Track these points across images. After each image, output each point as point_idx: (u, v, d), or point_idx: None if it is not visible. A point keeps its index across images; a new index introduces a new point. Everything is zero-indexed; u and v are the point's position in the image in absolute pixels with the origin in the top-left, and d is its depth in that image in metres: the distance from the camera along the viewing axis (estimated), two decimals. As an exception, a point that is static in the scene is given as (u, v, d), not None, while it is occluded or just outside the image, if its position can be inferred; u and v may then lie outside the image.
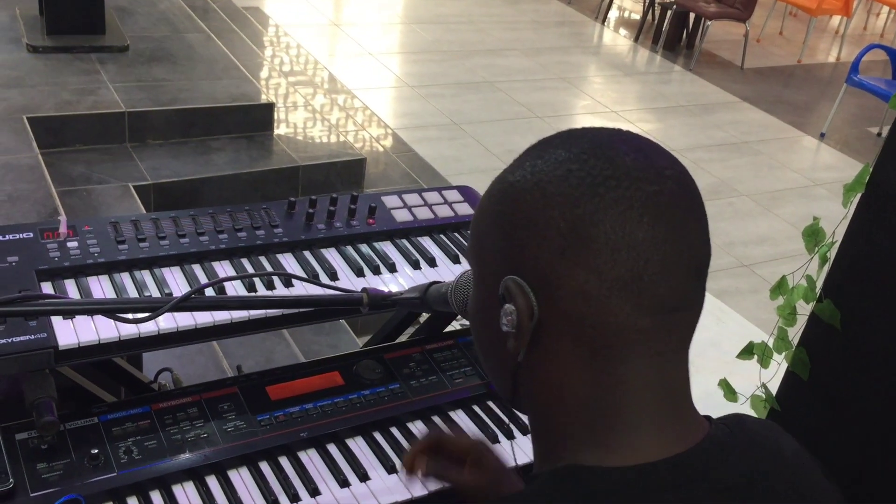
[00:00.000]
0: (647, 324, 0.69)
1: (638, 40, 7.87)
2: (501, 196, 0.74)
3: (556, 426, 0.74)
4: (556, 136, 0.75)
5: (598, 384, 0.71)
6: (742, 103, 6.76)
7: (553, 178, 0.70)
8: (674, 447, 0.71)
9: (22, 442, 1.26)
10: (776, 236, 4.83)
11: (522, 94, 6.25)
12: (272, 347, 2.95)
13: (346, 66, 6.26)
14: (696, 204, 0.72)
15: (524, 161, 0.74)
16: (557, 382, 0.72)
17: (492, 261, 0.75)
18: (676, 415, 0.73)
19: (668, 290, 0.69)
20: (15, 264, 1.33)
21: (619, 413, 0.71)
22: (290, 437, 1.36)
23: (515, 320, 0.71)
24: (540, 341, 0.72)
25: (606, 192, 0.68)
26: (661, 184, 0.69)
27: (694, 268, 0.71)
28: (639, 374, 0.70)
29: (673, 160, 0.73)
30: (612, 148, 0.71)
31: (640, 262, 0.67)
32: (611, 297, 0.68)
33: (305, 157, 4.10)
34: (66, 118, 3.74)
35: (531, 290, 0.70)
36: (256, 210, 1.56)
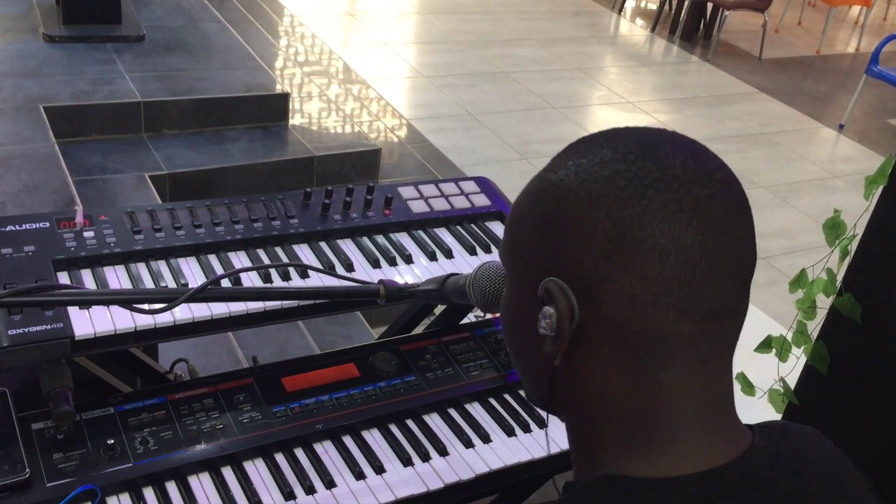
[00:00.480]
0: (692, 331, 0.67)
1: (655, 30, 7.81)
2: (543, 195, 0.71)
3: (595, 433, 0.72)
4: (598, 136, 0.73)
5: (638, 391, 0.69)
6: (760, 94, 6.70)
7: (599, 178, 0.67)
8: (716, 458, 0.69)
9: (38, 432, 1.26)
10: (793, 229, 4.79)
11: (538, 84, 6.21)
12: (286, 338, 2.95)
13: (361, 57, 6.24)
14: (745, 209, 0.70)
15: (566, 160, 0.71)
16: (596, 388, 0.70)
17: (530, 261, 0.72)
18: (719, 424, 0.71)
19: (714, 296, 0.67)
20: (31, 254, 1.33)
21: (660, 421, 0.69)
22: (306, 428, 1.36)
23: (555, 323, 0.68)
24: (579, 346, 0.69)
25: (655, 194, 0.66)
26: (711, 187, 0.67)
27: (741, 274, 0.69)
28: (681, 381, 0.68)
29: (721, 163, 0.71)
30: (661, 149, 0.69)
31: (688, 267, 0.65)
32: (656, 303, 0.65)
33: (320, 147, 4.09)
34: (82, 108, 3.74)
35: (573, 292, 0.68)
36: (272, 201, 1.56)
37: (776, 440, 0.74)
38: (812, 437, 0.80)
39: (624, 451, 0.70)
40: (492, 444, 1.41)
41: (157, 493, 1.23)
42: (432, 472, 1.34)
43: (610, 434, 0.71)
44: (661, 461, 0.69)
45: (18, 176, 3.15)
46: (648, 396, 0.69)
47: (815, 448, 0.78)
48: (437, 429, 1.42)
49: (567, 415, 0.76)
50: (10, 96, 3.68)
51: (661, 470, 0.68)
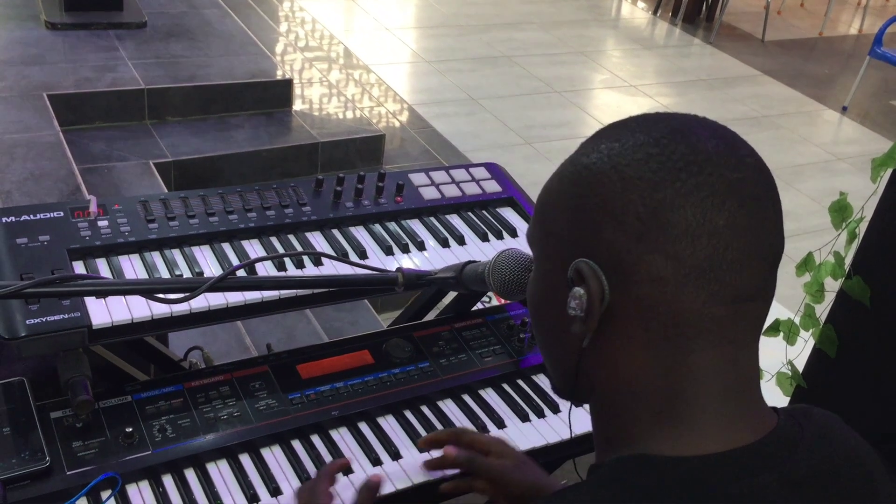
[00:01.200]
0: (722, 312, 0.68)
1: (657, 13, 7.77)
2: (576, 178, 0.72)
3: (623, 414, 0.73)
4: (630, 120, 0.74)
5: (667, 372, 0.70)
6: (763, 76, 6.67)
7: (632, 162, 0.68)
8: (743, 438, 0.70)
9: (57, 420, 1.26)
10: (798, 211, 4.79)
11: (540, 68, 6.19)
12: (294, 325, 2.95)
13: (362, 41, 6.22)
14: (774, 193, 0.71)
15: (599, 143, 0.72)
16: (624, 369, 0.71)
17: (561, 243, 0.73)
18: (746, 405, 0.72)
19: (745, 279, 0.68)
20: (47, 243, 1.33)
21: (688, 402, 0.70)
22: (322, 415, 1.36)
23: (584, 304, 0.69)
24: (608, 327, 0.70)
25: (688, 177, 0.67)
26: (742, 171, 0.68)
27: (770, 257, 0.70)
28: (710, 362, 0.69)
29: (751, 148, 0.72)
30: (693, 133, 0.70)
31: (720, 249, 0.66)
32: (687, 285, 0.66)
33: (324, 133, 4.08)
34: (85, 95, 3.74)
35: (603, 273, 0.69)
36: (284, 188, 1.56)
37: (801, 422, 0.75)
38: (834, 421, 0.81)
39: (652, 431, 0.71)
40: (506, 429, 1.42)
41: (176, 481, 1.24)
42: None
43: (638, 414, 0.72)
44: (689, 440, 0.70)
45: (24, 164, 3.15)
46: (676, 377, 0.70)
47: (839, 432, 0.79)
48: (452, 415, 1.43)
49: (593, 397, 0.77)
50: (14, 84, 3.67)
51: (688, 449, 0.69)
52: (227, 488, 1.24)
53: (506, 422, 1.43)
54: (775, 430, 0.72)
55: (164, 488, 1.23)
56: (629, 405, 0.72)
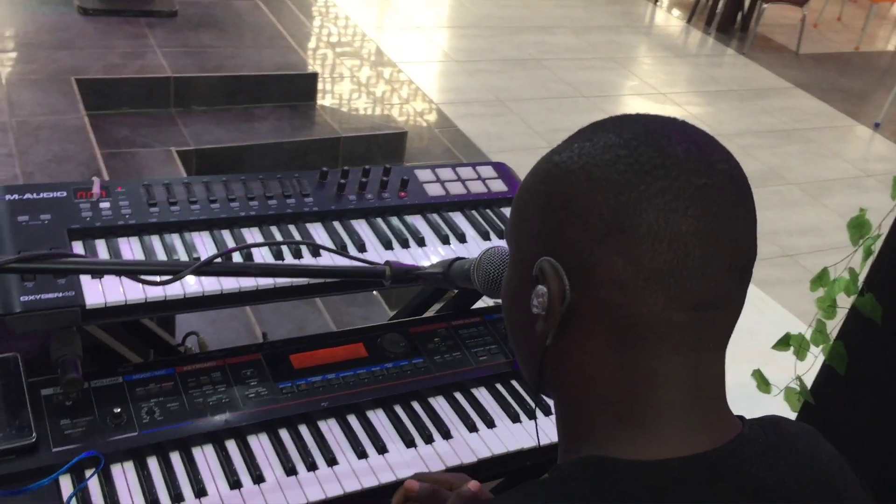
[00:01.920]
0: (683, 319, 0.67)
1: (691, 21, 7.71)
2: (546, 176, 0.72)
3: (582, 415, 0.73)
4: (608, 120, 0.73)
5: (627, 375, 0.69)
6: (795, 89, 6.60)
7: (600, 162, 0.68)
8: (702, 445, 0.69)
9: (47, 397, 1.28)
10: (823, 227, 4.72)
11: (569, 72, 6.16)
12: (304, 317, 2.96)
13: (393, 39, 6.23)
14: (746, 202, 0.70)
15: (573, 142, 0.72)
16: (585, 370, 0.71)
17: (530, 240, 0.73)
18: (707, 413, 0.71)
19: (706, 286, 0.67)
20: (47, 222, 1.34)
21: (646, 406, 0.69)
22: (311, 405, 1.37)
23: (546, 303, 0.69)
24: (570, 327, 0.70)
25: (654, 181, 0.66)
26: (711, 177, 0.67)
27: (736, 267, 0.68)
28: (670, 368, 0.68)
29: (727, 155, 0.70)
30: (665, 136, 0.69)
31: (681, 255, 0.65)
32: (647, 289, 0.66)
33: (347, 128, 4.10)
34: (113, 81, 3.78)
35: (566, 273, 0.68)
36: (288, 178, 1.56)
37: (767, 433, 0.74)
38: (808, 434, 0.79)
39: (609, 434, 0.70)
40: (496, 429, 1.41)
41: (160, 463, 1.25)
42: (434, 455, 1.34)
43: (596, 416, 0.71)
44: (647, 444, 0.69)
45: (48, 146, 3.19)
46: (636, 381, 0.69)
47: (809, 446, 0.77)
48: (442, 412, 1.42)
49: (556, 396, 0.77)
50: (43, 67, 3.72)
51: (645, 453, 0.68)
52: (210, 473, 1.25)
53: (496, 422, 1.42)
54: (737, 438, 0.71)
55: (148, 470, 1.23)
56: (589, 406, 0.72)
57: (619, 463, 0.68)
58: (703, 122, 5.75)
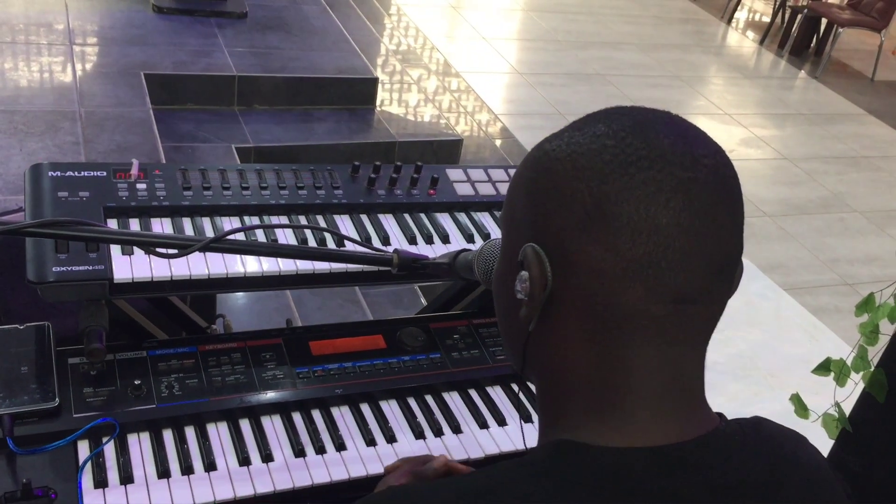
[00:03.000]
0: (660, 311, 0.67)
1: (763, 43, 7.59)
2: (535, 163, 0.73)
3: (558, 400, 0.74)
4: (601, 111, 0.74)
5: (602, 364, 0.70)
6: (868, 116, 6.42)
7: (586, 151, 0.69)
8: (673, 436, 0.69)
9: (73, 366, 1.33)
10: (886, 257, 4.58)
11: (634, 89, 6.12)
12: (348, 315, 3.01)
13: (459, 49, 6.29)
14: (732, 198, 0.70)
15: (564, 132, 0.73)
16: (563, 356, 0.72)
17: (518, 227, 0.74)
18: (681, 405, 0.71)
19: (685, 280, 0.67)
20: (85, 199, 1.40)
21: (619, 395, 0.70)
22: (326, 391, 1.39)
23: (529, 288, 0.70)
24: (551, 313, 0.71)
25: (637, 171, 0.66)
26: (695, 171, 0.67)
27: (718, 261, 0.68)
28: (645, 360, 0.69)
29: (715, 150, 0.70)
30: (653, 129, 0.69)
31: (660, 247, 0.66)
32: (625, 279, 0.66)
33: (403, 133, 4.15)
34: (180, 77, 3.91)
35: (549, 260, 0.69)
36: (321, 170, 1.60)
37: (745, 430, 0.73)
38: (791, 438, 0.78)
39: (582, 420, 0.71)
40: (507, 427, 1.42)
41: (175, 436, 1.29)
42: (442, 447, 1.35)
43: (571, 402, 0.72)
44: (617, 432, 0.69)
45: (112, 136, 3.31)
46: (611, 369, 0.70)
47: (791, 449, 0.76)
48: (455, 407, 1.44)
49: (536, 380, 0.78)
50: (115, 61, 3.87)
51: (615, 440, 0.69)
52: (221, 448, 1.28)
53: (507, 420, 1.43)
54: (711, 433, 0.71)
55: (162, 441, 1.27)
56: (565, 392, 0.73)
57: (588, 448, 0.69)
58: (769, 145, 5.65)
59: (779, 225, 4.63)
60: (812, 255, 4.47)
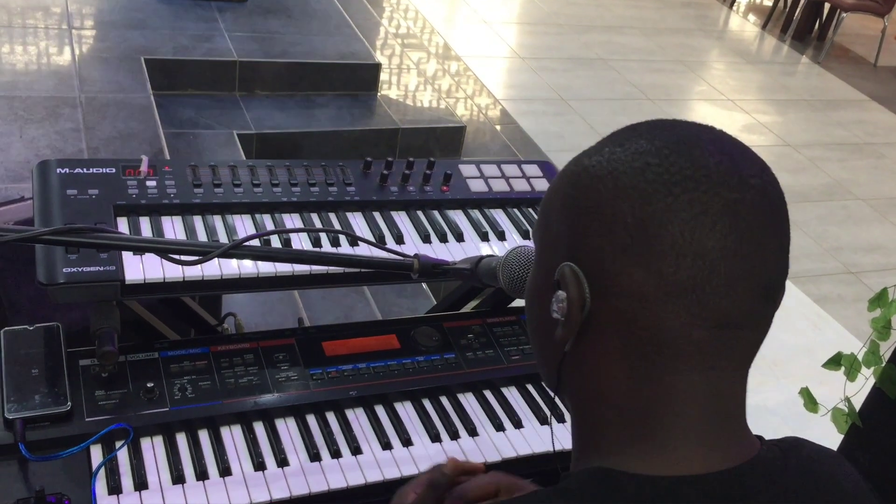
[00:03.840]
0: (703, 336, 0.65)
1: (766, 28, 7.54)
2: (574, 179, 0.70)
3: (594, 424, 0.71)
4: (642, 125, 0.71)
5: (642, 389, 0.67)
6: (870, 102, 6.39)
7: (629, 170, 0.66)
8: (716, 464, 0.67)
9: (84, 368, 1.31)
10: (890, 245, 4.57)
11: (636, 74, 6.08)
12: (352, 305, 2.99)
13: (460, 33, 6.23)
14: (779, 219, 0.67)
15: (604, 146, 0.70)
16: (600, 380, 0.69)
17: (554, 243, 0.72)
18: (723, 432, 0.69)
19: (730, 305, 0.64)
20: (95, 197, 1.38)
21: (659, 421, 0.67)
22: (340, 393, 1.37)
23: (566, 309, 0.68)
24: (589, 336, 0.69)
25: (682, 192, 0.64)
26: (742, 192, 0.65)
27: (764, 285, 0.66)
28: (687, 386, 0.67)
29: (762, 168, 0.68)
30: (698, 146, 0.66)
31: (705, 272, 0.63)
32: (667, 304, 0.64)
33: (406, 120, 4.11)
34: (181, 62, 3.86)
35: (587, 280, 0.67)
36: (332, 167, 1.57)
37: (787, 454, 0.71)
38: (828, 457, 0.76)
39: (620, 446, 0.69)
40: (523, 430, 1.40)
41: (188, 439, 1.27)
42: (459, 451, 1.34)
43: (608, 427, 0.70)
44: (657, 460, 0.67)
45: (114, 123, 3.27)
46: (651, 395, 0.67)
47: (830, 469, 0.75)
48: (470, 409, 1.42)
49: (571, 402, 0.76)
50: (115, 46, 3.82)
51: (655, 468, 0.67)
52: (236, 453, 1.26)
53: (524, 422, 1.41)
54: (753, 459, 0.69)
55: (176, 446, 1.25)
56: (602, 416, 0.70)
57: (626, 477, 0.67)
58: (771, 131, 5.62)
59: (782, 213, 4.61)
60: (815, 244, 4.45)
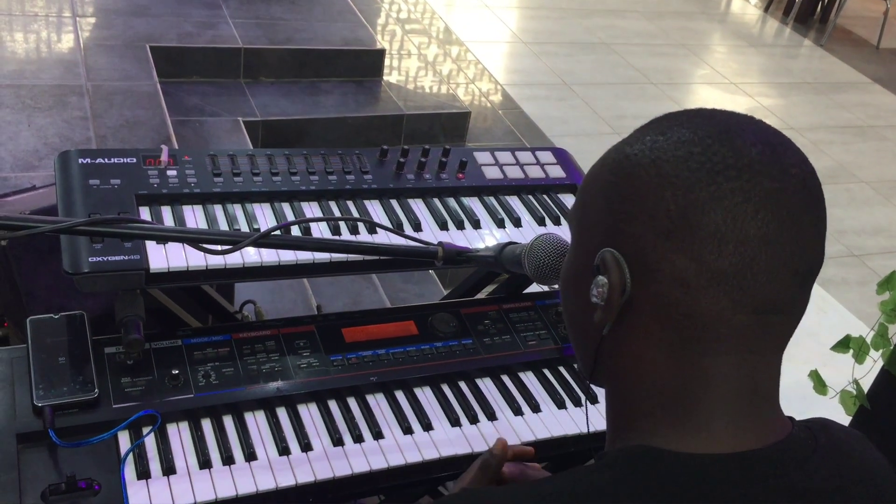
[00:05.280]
0: (742, 321, 0.67)
1: (768, 10, 7.52)
2: (616, 167, 0.72)
3: (633, 405, 0.73)
4: (682, 114, 0.73)
5: (680, 372, 0.70)
6: (873, 85, 6.39)
7: (672, 158, 0.68)
8: (750, 443, 0.69)
9: (110, 356, 1.33)
10: (893, 228, 4.59)
11: (639, 58, 6.07)
12: (360, 291, 3.00)
13: (463, 18, 6.22)
14: (818, 208, 0.69)
15: (645, 134, 0.72)
16: (639, 363, 0.71)
17: (593, 229, 0.73)
18: (758, 413, 0.71)
19: (769, 291, 0.66)
20: (117, 187, 1.39)
21: (697, 402, 0.70)
22: (360, 379, 1.39)
23: (606, 293, 0.70)
24: (628, 319, 0.70)
25: (725, 181, 0.65)
26: (783, 181, 0.67)
27: (802, 272, 0.68)
28: (725, 369, 0.69)
29: (802, 159, 0.70)
30: (740, 136, 0.68)
31: (747, 258, 0.65)
32: (708, 289, 0.66)
33: (411, 105, 4.12)
34: (186, 50, 3.86)
35: (628, 266, 0.69)
36: (349, 155, 1.58)
37: (817, 435, 0.74)
38: (855, 438, 0.78)
39: (658, 426, 0.71)
40: (541, 413, 1.42)
41: (213, 425, 1.29)
42: (478, 435, 1.36)
43: (647, 408, 0.72)
44: (694, 439, 0.69)
45: (121, 111, 3.28)
46: (689, 378, 0.69)
47: (857, 449, 0.77)
48: (489, 393, 1.44)
49: (608, 385, 0.78)
50: (120, 33, 3.82)
51: (692, 446, 0.69)
52: (261, 438, 1.28)
53: (541, 406, 1.43)
54: (787, 439, 0.71)
55: (202, 431, 1.28)
56: (640, 397, 0.72)
57: (665, 454, 0.69)
58: (774, 115, 5.62)
59: (786, 196, 4.62)
60: (819, 227, 4.46)
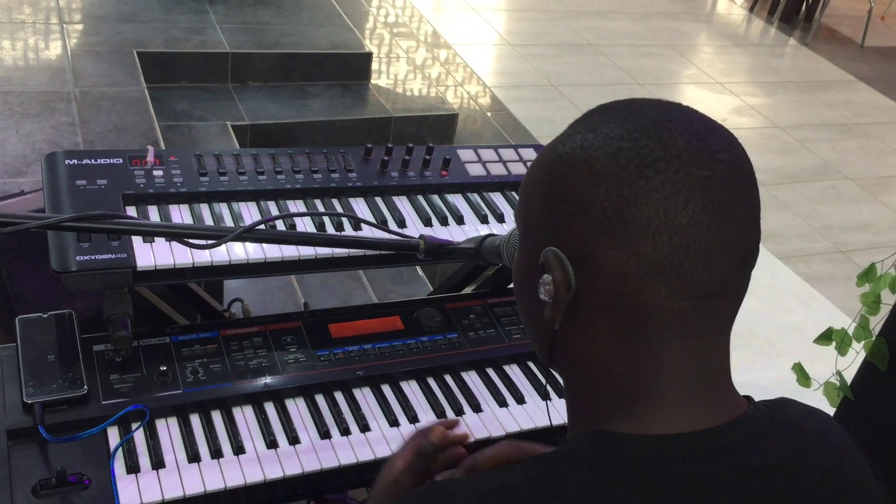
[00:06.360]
0: (685, 307, 0.69)
1: (753, 10, 7.57)
2: (550, 167, 0.74)
3: (588, 394, 0.76)
4: (612, 107, 0.75)
5: (632, 360, 0.72)
6: (858, 83, 6.44)
7: (602, 155, 0.69)
8: (705, 422, 0.72)
9: (99, 353, 1.35)
10: (879, 224, 4.63)
11: (626, 59, 6.11)
12: (349, 291, 3.02)
13: (450, 21, 6.25)
14: (748, 190, 0.71)
15: (576, 132, 0.74)
16: (591, 355, 0.74)
17: (536, 229, 0.75)
18: (710, 393, 0.73)
19: (708, 276, 0.69)
20: (104, 187, 1.41)
21: (649, 387, 0.72)
22: (347, 374, 1.41)
23: (553, 291, 0.72)
24: (576, 314, 0.73)
25: (654, 174, 0.67)
26: (711, 168, 0.68)
27: (739, 255, 0.70)
28: (673, 354, 0.71)
29: (730, 143, 0.71)
30: (666, 128, 0.70)
31: (682, 247, 0.67)
32: (648, 280, 0.68)
33: (399, 108, 4.14)
34: (173, 55, 3.88)
35: (570, 264, 0.71)
36: (334, 154, 1.60)
37: (774, 412, 0.76)
38: (816, 416, 0.80)
39: (614, 412, 0.73)
40: (525, 405, 1.44)
41: (202, 420, 1.31)
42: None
43: (602, 396, 0.74)
44: (649, 421, 0.72)
45: (109, 116, 3.29)
46: (640, 365, 0.72)
47: (817, 427, 0.79)
48: (474, 386, 1.46)
49: (565, 375, 0.80)
50: (107, 39, 3.83)
51: (648, 429, 0.71)
52: (248, 432, 1.30)
53: (526, 398, 1.45)
54: (742, 417, 0.73)
55: (190, 426, 1.29)
56: (596, 385, 0.75)
57: (622, 437, 0.71)
58: (760, 114, 5.67)
59: (771, 194, 4.66)
60: (805, 224, 4.51)
